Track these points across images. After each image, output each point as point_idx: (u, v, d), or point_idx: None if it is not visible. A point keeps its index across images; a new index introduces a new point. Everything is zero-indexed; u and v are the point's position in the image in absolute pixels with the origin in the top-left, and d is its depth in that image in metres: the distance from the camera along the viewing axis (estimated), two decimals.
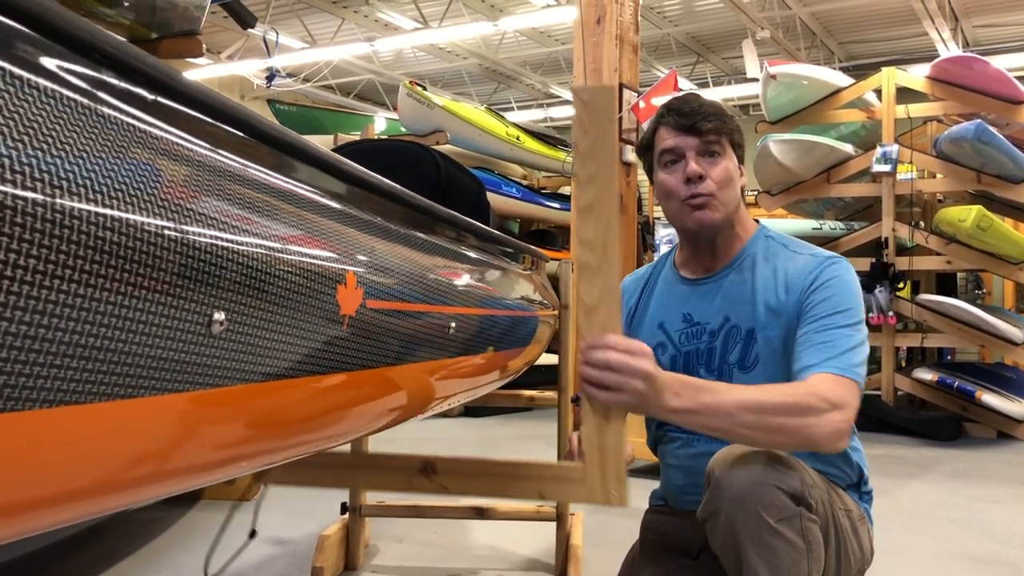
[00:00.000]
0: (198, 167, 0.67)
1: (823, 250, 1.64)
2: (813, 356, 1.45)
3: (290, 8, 10.28)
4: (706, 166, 1.58)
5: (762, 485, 1.31)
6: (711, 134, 1.58)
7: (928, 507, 3.51)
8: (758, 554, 1.30)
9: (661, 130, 1.63)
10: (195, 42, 3.23)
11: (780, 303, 1.57)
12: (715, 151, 1.59)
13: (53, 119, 0.53)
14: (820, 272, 1.56)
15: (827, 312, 1.50)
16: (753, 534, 1.30)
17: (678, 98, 1.65)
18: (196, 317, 0.62)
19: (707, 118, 1.57)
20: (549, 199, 7.59)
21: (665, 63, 11.74)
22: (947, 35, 9.73)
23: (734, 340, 1.60)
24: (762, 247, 1.66)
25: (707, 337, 1.63)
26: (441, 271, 1.20)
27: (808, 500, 1.35)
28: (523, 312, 1.69)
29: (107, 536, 2.90)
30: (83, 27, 0.58)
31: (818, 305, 1.51)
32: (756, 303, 1.59)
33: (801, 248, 1.65)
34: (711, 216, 1.58)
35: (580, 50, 4.59)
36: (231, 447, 0.72)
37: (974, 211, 5.04)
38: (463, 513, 2.79)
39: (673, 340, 1.67)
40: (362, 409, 0.97)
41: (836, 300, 1.51)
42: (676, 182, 1.59)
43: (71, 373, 0.52)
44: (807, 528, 1.33)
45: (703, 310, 1.65)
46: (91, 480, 0.57)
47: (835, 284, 1.53)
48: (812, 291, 1.54)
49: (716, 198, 1.58)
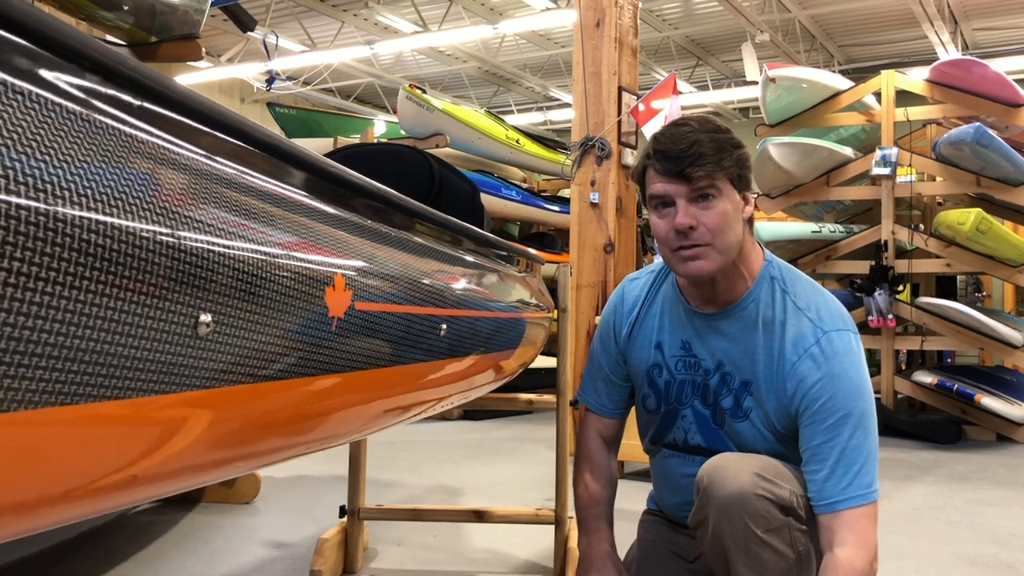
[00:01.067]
0: (186, 171, 0.68)
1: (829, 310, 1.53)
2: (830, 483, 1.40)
3: (290, 11, 10.30)
4: (698, 213, 1.44)
5: (749, 495, 1.31)
6: (702, 180, 1.43)
7: (927, 510, 3.51)
8: (745, 564, 1.30)
9: (650, 172, 1.49)
10: (194, 45, 3.23)
11: (778, 371, 1.50)
12: (709, 194, 1.45)
13: (39, 124, 0.53)
14: (822, 356, 1.47)
15: (833, 414, 1.43)
16: (740, 544, 1.30)
17: (668, 134, 1.49)
18: (182, 319, 0.62)
19: (698, 162, 1.42)
20: (549, 202, 7.59)
21: (665, 66, 11.75)
22: (946, 38, 9.74)
23: (728, 387, 1.54)
24: (767, 294, 1.55)
25: (703, 373, 1.58)
26: (431, 273, 1.20)
27: (797, 510, 1.34)
28: (516, 314, 1.69)
29: (108, 539, 2.90)
30: (66, 32, 0.58)
31: (821, 403, 1.44)
32: (754, 362, 1.52)
33: (806, 305, 1.53)
34: (703, 267, 1.47)
35: (579, 53, 4.60)
36: (218, 449, 0.72)
37: (973, 214, 5.04)
38: (462, 516, 2.79)
39: (669, 366, 1.63)
40: (352, 412, 0.97)
41: (839, 400, 1.43)
42: (667, 229, 1.47)
43: (56, 375, 0.52)
44: (795, 538, 1.33)
45: (700, 345, 1.58)
46: (78, 481, 0.58)
47: (836, 377, 1.45)
48: (814, 383, 1.45)
49: (711, 247, 1.46)
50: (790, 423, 1.49)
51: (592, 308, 4.58)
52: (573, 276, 4.57)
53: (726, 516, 1.31)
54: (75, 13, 2.91)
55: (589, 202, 4.55)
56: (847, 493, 1.39)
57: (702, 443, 1.59)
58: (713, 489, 1.33)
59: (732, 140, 1.49)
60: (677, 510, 1.69)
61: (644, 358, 1.67)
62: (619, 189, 4.54)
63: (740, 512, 1.30)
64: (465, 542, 2.94)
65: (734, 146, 1.49)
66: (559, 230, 7.72)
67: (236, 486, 3.42)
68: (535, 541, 2.85)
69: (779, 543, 1.31)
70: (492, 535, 2.96)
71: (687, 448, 1.62)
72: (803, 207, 6.41)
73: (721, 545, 1.33)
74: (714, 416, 1.58)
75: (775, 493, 1.32)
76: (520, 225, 8.07)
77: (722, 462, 1.38)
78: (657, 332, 1.66)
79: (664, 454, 1.68)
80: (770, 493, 1.32)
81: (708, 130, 1.47)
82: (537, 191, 7.99)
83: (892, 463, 4.44)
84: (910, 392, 5.59)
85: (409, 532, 2.99)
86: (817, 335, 1.48)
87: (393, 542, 2.90)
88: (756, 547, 1.30)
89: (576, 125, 4.67)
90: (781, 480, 1.36)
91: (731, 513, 1.31)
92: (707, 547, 1.37)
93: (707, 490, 1.35)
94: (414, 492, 3.76)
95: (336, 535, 2.57)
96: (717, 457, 1.41)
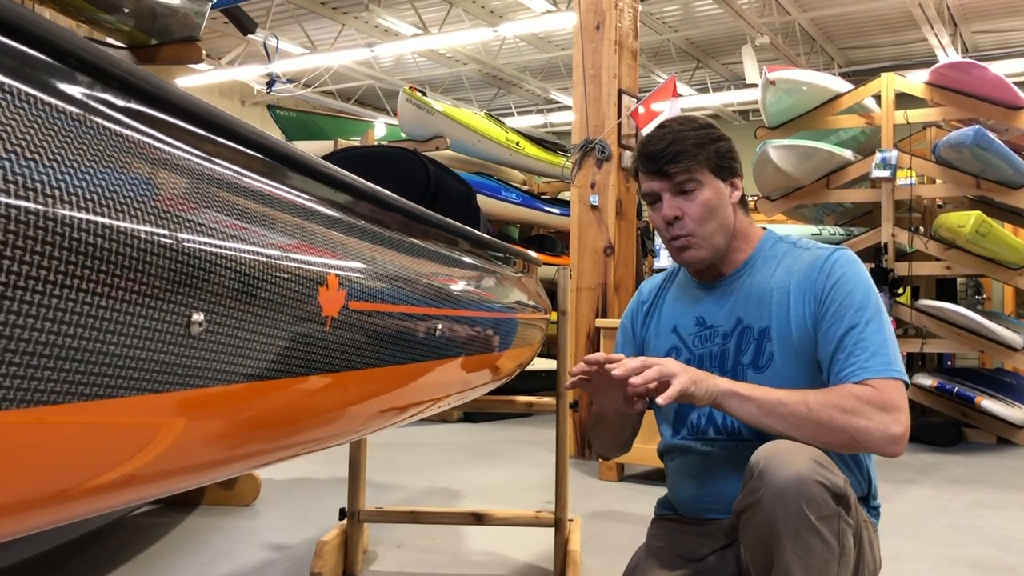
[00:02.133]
0: (180, 173, 0.68)
1: (827, 245, 1.66)
2: (848, 361, 1.47)
3: (290, 14, 10.31)
4: (683, 204, 1.58)
5: (806, 480, 1.31)
6: (680, 174, 1.57)
7: (928, 513, 3.50)
8: (793, 550, 1.30)
9: (640, 172, 1.64)
10: (195, 48, 3.24)
11: (792, 298, 1.57)
12: (688, 188, 1.58)
13: (31, 126, 0.53)
14: (830, 267, 1.56)
15: (848, 310, 1.51)
16: (791, 528, 1.30)
17: (650, 136, 1.64)
18: (175, 318, 0.62)
19: (673, 159, 1.56)
20: (548, 204, 7.60)
21: (665, 69, 11.75)
22: (946, 41, 9.74)
23: (747, 341, 1.60)
24: (770, 249, 1.66)
25: (720, 340, 1.64)
26: (426, 274, 1.20)
27: (848, 501, 1.35)
28: (512, 315, 1.69)
29: (107, 541, 2.90)
30: (58, 34, 0.58)
31: (837, 304, 1.52)
32: (769, 302, 1.60)
33: (807, 244, 1.66)
34: (695, 255, 1.61)
35: (579, 56, 4.60)
36: (213, 448, 0.72)
37: (973, 216, 5.04)
38: (462, 519, 2.79)
39: (687, 343, 1.68)
40: (347, 411, 0.97)
41: (853, 296, 1.52)
42: (659, 222, 1.63)
43: (50, 373, 0.52)
44: (843, 531, 1.33)
45: (715, 313, 1.66)
46: (74, 481, 0.58)
47: (848, 278, 1.54)
48: (826, 289, 1.55)
49: (696, 236, 1.59)
50: (812, 349, 1.55)
51: (592, 311, 4.57)
52: (573, 279, 4.57)
53: (782, 499, 1.31)
54: (75, 16, 2.92)
55: (589, 204, 4.55)
56: (868, 369, 1.45)
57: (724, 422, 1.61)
58: (770, 472, 1.34)
59: (712, 134, 1.62)
60: (694, 502, 1.68)
61: (662, 345, 1.72)
62: (619, 192, 4.54)
63: (796, 495, 1.30)
64: (465, 544, 2.94)
65: (713, 139, 1.61)
66: (559, 232, 7.72)
67: (236, 488, 3.42)
68: (534, 543, 2.85)
69: (828, 532, 1.31)
70: (492, 537, 2.96)
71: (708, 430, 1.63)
72: (803, 209, 6.42)
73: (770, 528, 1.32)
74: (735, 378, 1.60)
75: (831, 480, 1.33)
76: (520, 227, 8.08)
77: (780, 447, 1.39)
78: (672, 317, 1.73)
79: (682, 445, 1.68)
80: (826, 480, 1.33)
81: (688, 128, 1.61)
82: (537, 194, 8.00)
83: (892, 466, 4.44)
84: (911, 395, 5.57)
85: (409, 534, 2.99)
86: (824, 256, 1.60)
87: (393, 544, 2.90)
88: (807, 532, 1.30)
89: (576, 128, 4.67)
90: (835, 468, 1.37)
91: (787, 496, 1.31)
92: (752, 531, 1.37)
93: (763, 472, 1.35)
94: (414, 494, 3.76)
95: (336, 537, 2.57)
96: (772, 443, 1.41)
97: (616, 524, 3.19)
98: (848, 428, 1.40)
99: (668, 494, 1.81)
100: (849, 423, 1.40)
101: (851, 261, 1.59)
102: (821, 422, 1.40)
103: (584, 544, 2.72)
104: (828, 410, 1.40)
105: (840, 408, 1.40)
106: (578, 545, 2.64)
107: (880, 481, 1.46)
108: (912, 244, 5.63)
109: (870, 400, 1.41)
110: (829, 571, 1.30)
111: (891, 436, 1.40)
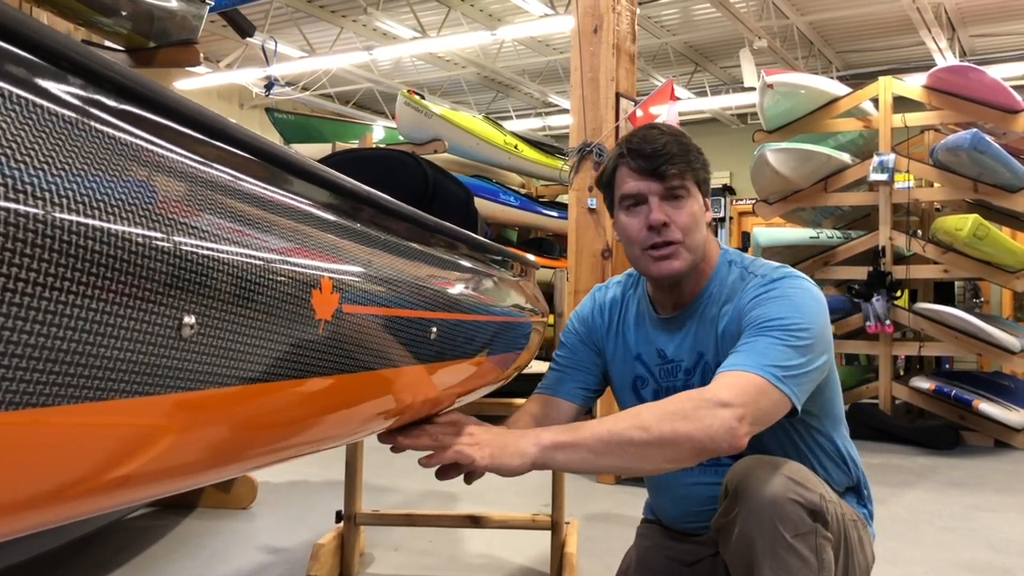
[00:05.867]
0: (176, 177, 0.68)
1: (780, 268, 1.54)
2: (728, 362, 1.36)
3: (289, 17, 10.31)
4: (670, 211, 1.48)
5: (781, 499, 1.30)
6: (675, 178, 1.48)
7: (924, 515, 3.50)
8: (771, 568, 1.29)
9: (622, 170, 1.52)
10: (193, 51, 3.24)
11: (731, 330, 1.50)
12: (679, 194, 1.49)
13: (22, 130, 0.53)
14: (762, 289, 1.47)
15: (757, 321, 1.41)
16: (768, 548, 1.30)
17: (639, 135, 1.53)
18: (166, 320, 0.62)
19: (671, 160, 1.47)
20: (547, 207, 7.59)
21: (663, 72, 11.76)
22: (944, 45, 9.75)
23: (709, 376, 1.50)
24: (725, 274, 1.58)
25: (683, 375, 1.59)
26: (423, 277, 1.20)
27: (825, 516, 1.34)
28: (509, 318, 1.69)
29: (103, 544, 2.90)
30: (53, 37, 0.58)
31: (752, 320, 1.43)
32: (709, 339, 1.54)
33: (759, 270, 1.55)
34: (675, 266, 1.50)
35: (577, 59, 4.61)
36: (205, 451, 0.72)
37: (971, 220, 5.04)
38: (458, 522, 2.78)
39: (654, 374, 1.63)
40: (341, 415, 0.97)
41: (770, 310, 1.42)
42: (638, 227, 1.50)
43: (37, 375, 0.52)
44: (820, 546, 1.33)
45: (675, 348, 1.59)
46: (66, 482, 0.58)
47: (774, 298, 1.44)
48: (750, 310, 1.45)
49: (682, 245, 1.49)
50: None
51: None
52: (570, 281, 4.57)
53: (756, 519, 1.30)
54: (73, 19, 2.92)
55: (587, 208, 4.55)
56: (736, 365, 1.33)
57: None
58: (744, 491, 1.33)
59: (697, 147, 1.54)
60: (678, 521, 1.68)
61: (628, 371, 1.67)
62: None
63: (771, 515, 1.30)
64: (461, 547, 2.94)
65: (698, 151, 1.54)
66: (557, 236, 7.72)
67: (232, 491, 3.42)
68: (531, 546, 2.85)
69: (805, 549, 1.30)
70: (488, 540, 2.96)
71: None
72: (801, 213, 6.42)
73: (747, 549, 1.32)
74: None
75: (806, 497, 1.32)
76: (518, 230, 8.08)
77: (753, 464, 1.37)
78: (635, 344, 1.66)
79: None
80: (801, 497, 1.31)
81: (675, 134, 1.53)
82: (535, 197, 7.99)
83: (889, 468, 4.44)
84: (908, 398, 5.59)
85: (405, 537, 2.98)
86: (764, 281, 1.50)
87: (389, 547, 2.90)
88: (783, 552, 1.29)
89: (574, 131, 4.68)
90: (811, 483, 1.36)
91: (762, 516, 1.30)
92: (731, 551, 1.36)
93: (737, 492, 1.34)
94: (410, 497, 3.76)
95: (332, 540, 2.57)
96: (746, 460, 1.40)
97: (613, 527, 3.18)
98: (691, 436, 1.23)
99: (651, 505, 1.80)
100: (689, 431, 1.23)
101: (793, 285, 1.47)
102: (664, 439, 1.23)
103: (581, 547, 2.72)
104: (667, 422, 1.24)
105: (679, 415, 1.25)
106: (575, 548, 2.64)
107: (877, 484, 1.46)
108: (910, 247, 5.64)
109: (706, 399, 1.27)
110: None
111: (729, 429, 1.23)
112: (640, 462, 1.27)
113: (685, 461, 1.30)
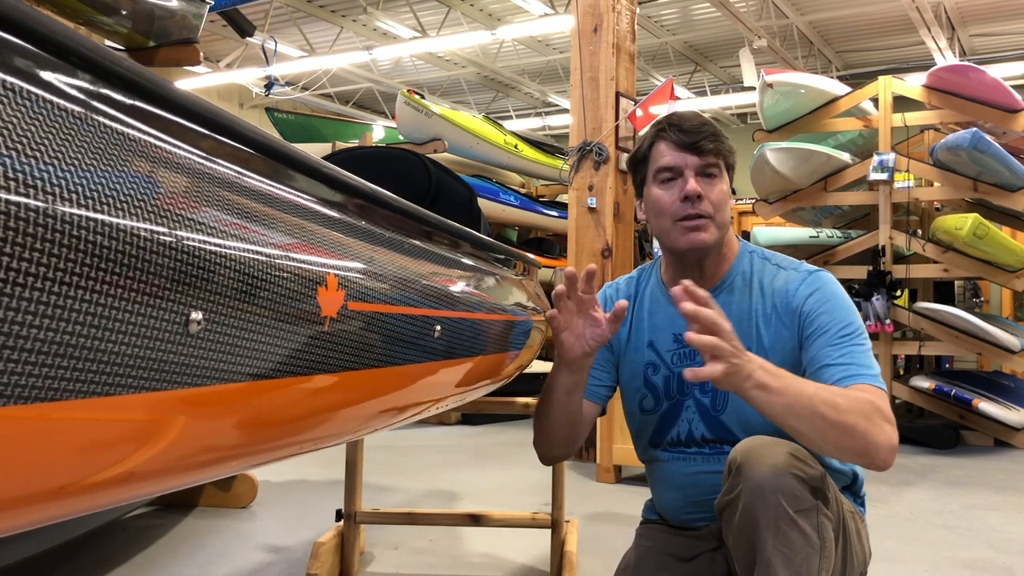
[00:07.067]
0: (181, 172, 0.68)
1: (803, 263, 1.65)
2: (841, 372, 1.45)
3: (288, 17, 10.31)
4: (704, 186, 1.56)
5: (784, 474, 1.32)
6: (711, 155, 1.56)
7: (924, 515, 3.51)
8: (774, 544, 1.30)
9: (660, 144, 1.59)
10: (193, 50, 3.24)
11: (772, 321, 1.57)
12: (713, 172, 1.57)
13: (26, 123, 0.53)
14: (810, 289, 1.56)
15: (834, 329, 1.50)
16: (771, 523, 1.30)
17: (679, 114, 1.62)
18: (173, 316, 0.62)
19: (709, 138, 1.56)
20: (547, 207, 7.60)
21: (663, 72, 11.76)
22: (944, 44, 9.76)
23: None
24: (747, 264, 1.65)
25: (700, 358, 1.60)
26: (426, 275, 1.20)
27: (826, 493, 1.35)
28: (513, 317, 1.69)
29: (103, 543, 2.90)
30: (60, 31, 0.59)
31: (822, 324, 1.51)
32: (749, 325, 1.58)
33: (783, 262, 1.65)
34: (705, 238, 1.56)
35: (577, 59, 4.61)
36: (208, 447, 0.72)
37: (971, 219, 5.04)
38: (459, 520, 2.79)
39: (665, 360, 1.65)
40: (344, 412, 0.97)
41: (837, 315, 1.52)
42: (671, 199, 1.57)
43: (45, 370, 0.52)
44: (822, 524, 1.33)
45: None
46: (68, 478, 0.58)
47: (830, 300, 1.54)
48: (809, 310, 1.54)
49: (712, 220, 1.56)
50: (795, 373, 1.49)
51: None
52: None
53: (759, 493, 1.31)
54: (73, 18, 2.92)
55: (587, 207, 4.55)
56: (862, 378, 1.43)
57: (706, 433, 1.61)
58: (747, 467, 1.34)
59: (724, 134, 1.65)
60: (680, 512, 1.68)
61: (639, 359, 1.68)
62: (617, 194, 4.55)
63: (774, 489, 1.30)
64: (462, 546, 2.94)
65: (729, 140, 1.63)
66: (557, 235, 7.73)
67: (233, 490, 3.42)
68: (532, 545, 2.85)
69: (807, 525, 1.31)
70: (489, 539, 2.96)
71: (690, 442, 1.63)
72: (801, 212, 6.43)
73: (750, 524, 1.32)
74: (713, 402, 1.60)
75: (808, 473, 1.33)
76: (519, 230, 8.08)
77: (756, 442, 1.39)
78: (648, 332, 1.69)
79: (664, 457, 1.67)
80: (803, 472, 1.33)
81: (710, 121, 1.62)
82: (535, 196, 8.00)
83: (890, 468, 4.43)
84: (908, 397, 5.60)
85: (406, 536, 2.98)
86: (804, 276, 1.59)
87: (390, 546, 2.90)
88: (786, 526, 1.30)
89: (574, 130, 4.68)
90: (812, 462, 1.37)
91: (765, 490, 1.31)
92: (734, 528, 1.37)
93: (740, 468, 1.35)
94: (411, 496, 3.76)
95: (332, 539, 2.57)
96: (749, 439, 1.41)
97: (613, 526, 3.19)
98: (867, 435, 1.33)
99: (653, 502, 1.80)
100: (868, 430, 1.34)
101: (829, 280, 1.59)
102: (846, 427, 1.32)
103: (581, 546, 2.73)
104: (853, 414, 1.33)
105: (862, 413, 1.35)
106: (575, 547, 2.64)
107: (877, 483, 1.47)
108: (910, 247, 5.64)
109: (879, 409, 1.38)
110: (811, 565, 1.30)
111: (893, 447, 1.36)
112: (815, 435, 1.33)
113: (845, 454, 1.38)
